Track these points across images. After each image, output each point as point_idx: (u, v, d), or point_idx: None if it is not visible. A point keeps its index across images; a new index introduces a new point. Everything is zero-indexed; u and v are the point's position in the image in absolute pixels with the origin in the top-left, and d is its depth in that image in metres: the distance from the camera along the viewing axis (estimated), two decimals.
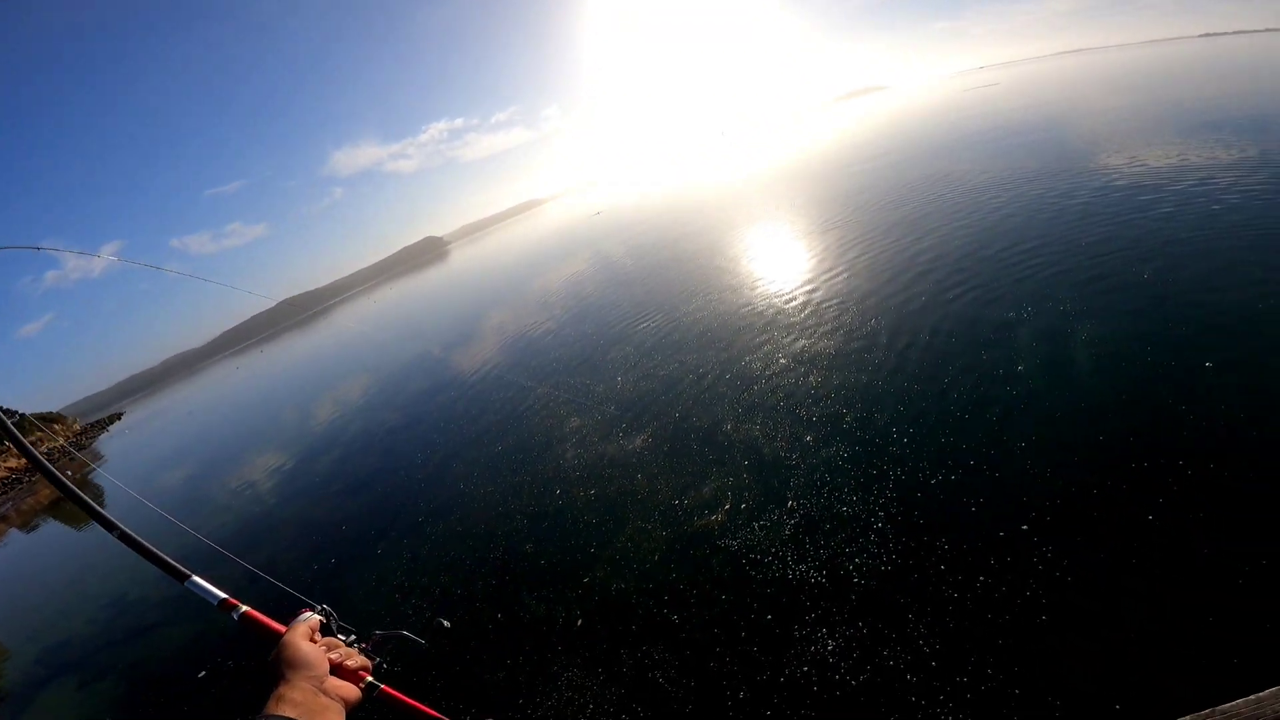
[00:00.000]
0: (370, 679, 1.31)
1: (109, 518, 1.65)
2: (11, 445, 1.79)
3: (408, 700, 1.49)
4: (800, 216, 23.35)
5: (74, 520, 24.78)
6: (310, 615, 1.36)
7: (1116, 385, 6.82)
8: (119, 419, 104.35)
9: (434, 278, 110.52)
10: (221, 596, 1.52)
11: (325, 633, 1.38)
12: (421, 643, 1.56)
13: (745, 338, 12.04)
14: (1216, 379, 6.39)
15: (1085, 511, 5.24)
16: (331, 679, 1.19)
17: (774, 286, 14.93)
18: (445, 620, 1.72)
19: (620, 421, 10.48)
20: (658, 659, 5.35)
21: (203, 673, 8.24)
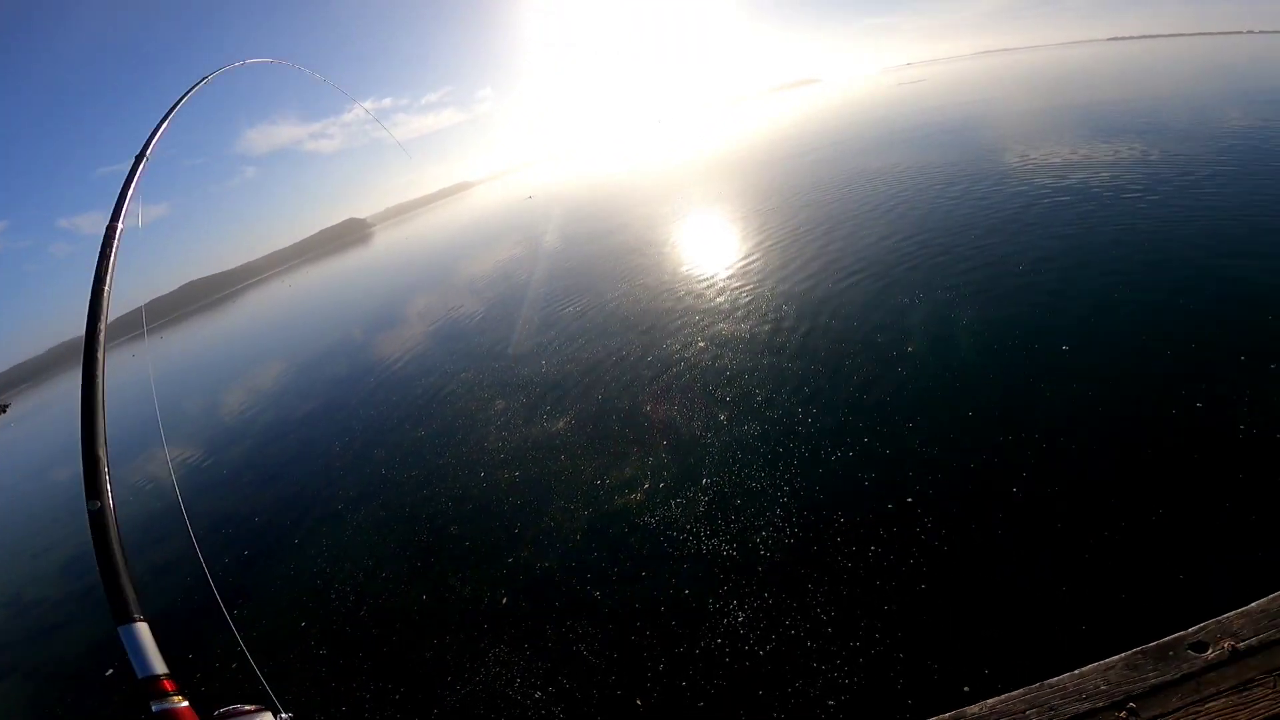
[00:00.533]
0: None
1: None
2: None
3: None
4: (726, 206, 24.02)
5: None
6: None
7: (989, 365, 7.58)
8: (3, 412, 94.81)
9: (355, 260, 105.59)
10: (158, 672, 1.25)
11: None
12: None
13: (665, 321, 12.43)
14: (1072, 361, 7.22)
15: (961, 483, 5.82)
16: None
17: (694, 271, 15.46)
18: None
19: (544, 404, 10.63)
20: (581, 633, 5.57)
21: (110, 670, 7.87)
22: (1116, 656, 1.36)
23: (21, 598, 11.82)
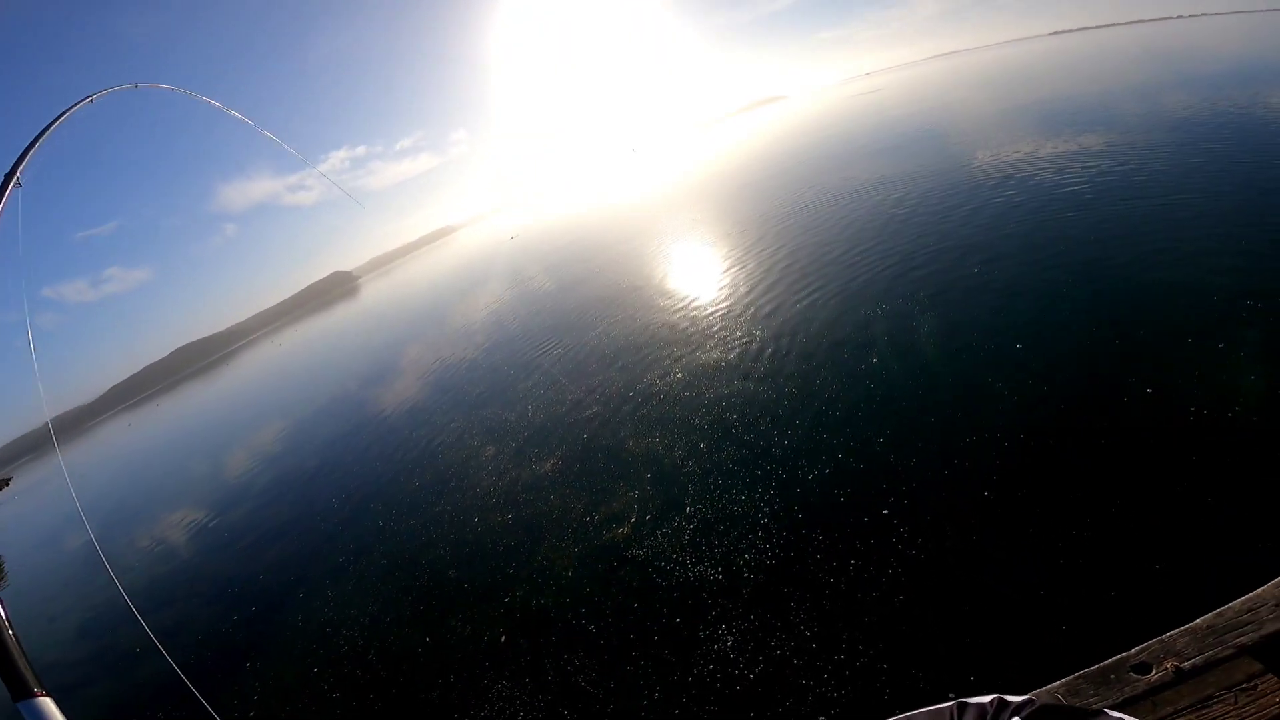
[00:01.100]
0: None
1: None
2: None
3: None
4: (695, 235, 24.63)
5: None
6: None
7: (949, 371, 7.95)
8: (7, 484, 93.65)
9: (344, 315, 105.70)
10: None
11: None
12: None
13: (643, 355, 12.78)
14: (1026, 357, 7.60)
15: (932, 492, 6.07)
16: None
17: (667, 303, 15.87)
18: None
19: (531, 446, 10.89)
20: (579, 666, 5.76)
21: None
22: (1058, 682, 1.32)
23: None
